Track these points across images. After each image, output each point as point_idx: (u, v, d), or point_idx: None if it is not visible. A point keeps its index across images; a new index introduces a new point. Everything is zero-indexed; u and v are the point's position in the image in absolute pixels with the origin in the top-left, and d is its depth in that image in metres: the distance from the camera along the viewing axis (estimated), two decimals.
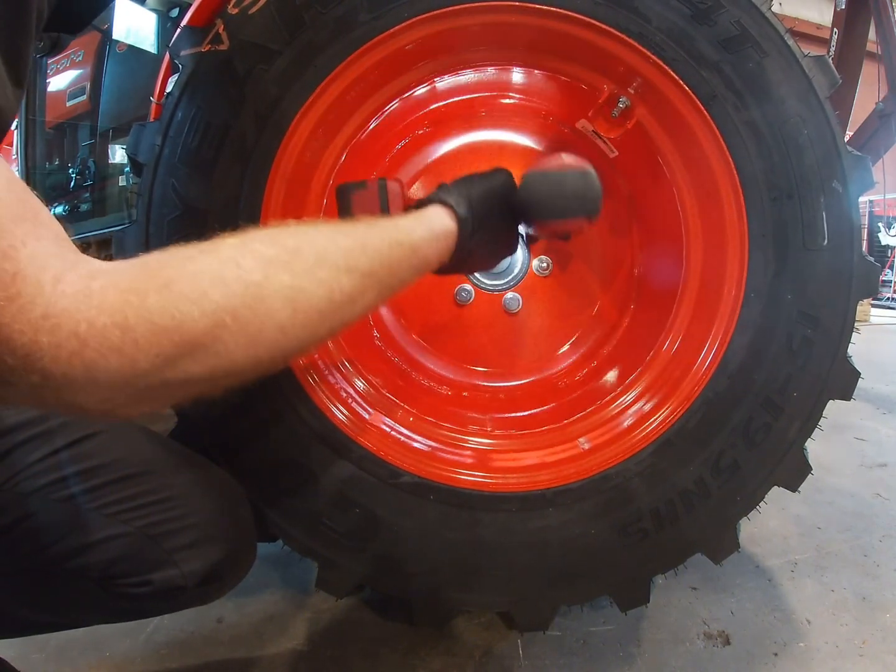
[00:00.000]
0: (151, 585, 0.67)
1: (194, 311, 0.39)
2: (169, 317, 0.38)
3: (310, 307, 0.46)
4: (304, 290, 0.46)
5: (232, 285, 0.42)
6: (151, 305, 0.38)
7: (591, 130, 0.90)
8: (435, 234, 0.62)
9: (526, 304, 1.05)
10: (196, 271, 0.41)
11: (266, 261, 0.44)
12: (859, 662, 0.93)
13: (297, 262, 0.46)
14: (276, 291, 0.44)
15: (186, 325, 0.39)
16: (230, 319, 0.41)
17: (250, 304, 0.42)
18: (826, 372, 0.80)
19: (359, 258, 0.51)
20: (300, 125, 0.79)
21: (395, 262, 0.56)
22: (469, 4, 0.77)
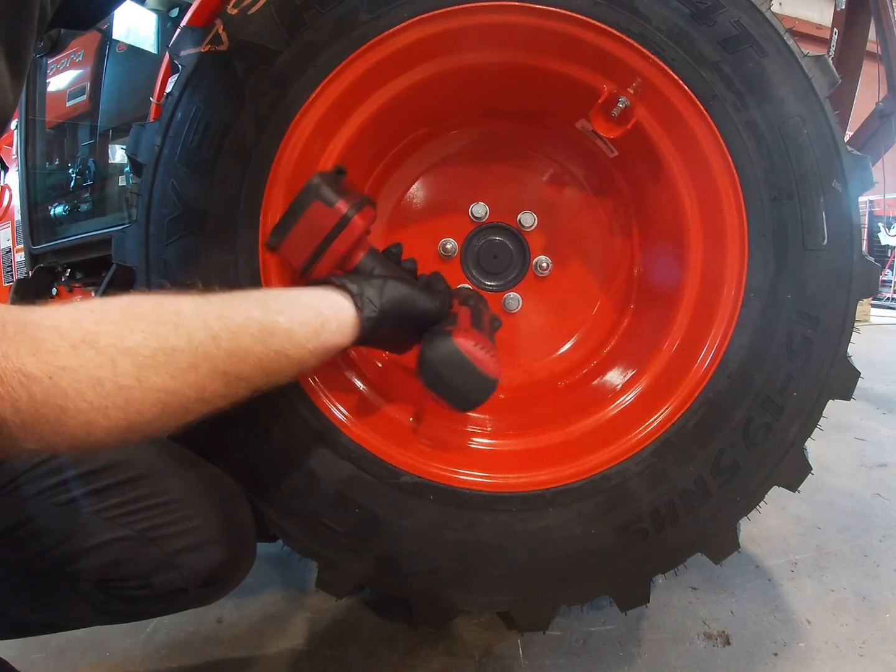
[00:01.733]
0: (152, 588, 0.67)
1: (71, 408, 0.42)
2: (50, 409, 0.41)
3: (179, 405, 0.49)
4: (176, 393, 0.48)
5: (106, 385, 0.44)
6: (38, 395, 0.40)
7: (590, 130, 0.90)
8: (326, 347, 0.61)
9: (526, 303, 1.05)
10: (77, 367, 0.42)
11: (141, 363, 0.46)
12: (859, 662, 0.93)
13: (172, 364, 0.47)
14: (148, 395, 0.46)
15: (64, 420, 0.42)
16: (102, 419, 0.44)
17: (121, 405, 0.45)
18: (826, 372, 0.80)
19: (238, 365, 0.52)
20: (300, 125, 0.79)
21: (275, 370, 0.56)
22: (469, 4, 0.77)
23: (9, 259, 1.76)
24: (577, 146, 1.00)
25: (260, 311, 0.55)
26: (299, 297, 0.62)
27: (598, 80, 0.83)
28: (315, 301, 0.62)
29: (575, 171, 1.05)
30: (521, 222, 1.03)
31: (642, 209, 1.00)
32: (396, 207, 1.04)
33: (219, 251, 0.78)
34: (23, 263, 1.61)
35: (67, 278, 1.47)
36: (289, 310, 0.58)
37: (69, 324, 0.44)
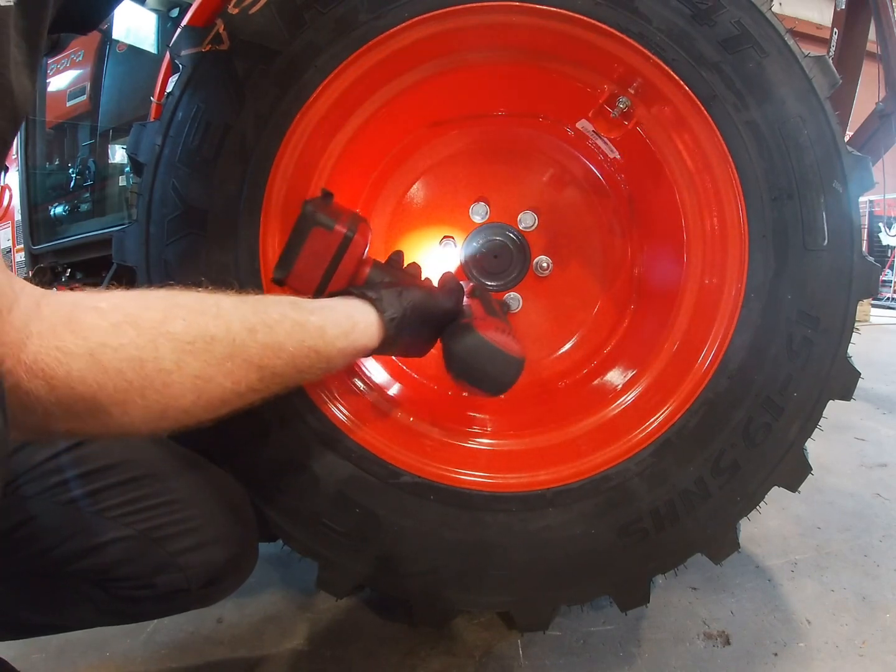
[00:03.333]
0: (154, 588, 0.67)
1: (109, 385, 0.42)
2: (87, 386, 0.41)
3: (214, 396, 0.49)
4: (213, 381, 0.49)
5: (146, 366, 0.44)
6: (75, 372, 0.40)
7: (591, 130, 0.90)
8: (355, 348, 0.63)
9: (526, 303, 1.05)
10: (118, 346, 0.43)
11: (181, 348, 0.46)
12: (859, 662, 0.93)
13: (211, 352, 0.48)
14: (186, 380, 0.46)
15: (100, 397, 0.42)
16: (139, 398, 0.44)
17: (159, 387, 0.45)
18: (826, 372, 0.80)
19: (272, 359, 0.53)
20: (300, 125, 0.79)
21: (306, 367, 0.58)
22: (469, 5, 0.77)
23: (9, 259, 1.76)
24: (578, 146, 1.00)
25: (294, 311, 0.58)
26: (328, 302, 0.65)
27: (599, 80, 0.83)
28: (342, 306, 0.65)
29: (575, 172, 1.05)
30: (522, 222, 1.03)
31: (642, 209, 1.00)
32: (397, 208, 1.04)
33: (219, 251, 0.78)
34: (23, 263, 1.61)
35: (67, 278, 1.47)
36: (320, 311, 0.61)
37: (109, 305, 0.44)
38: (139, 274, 0.79)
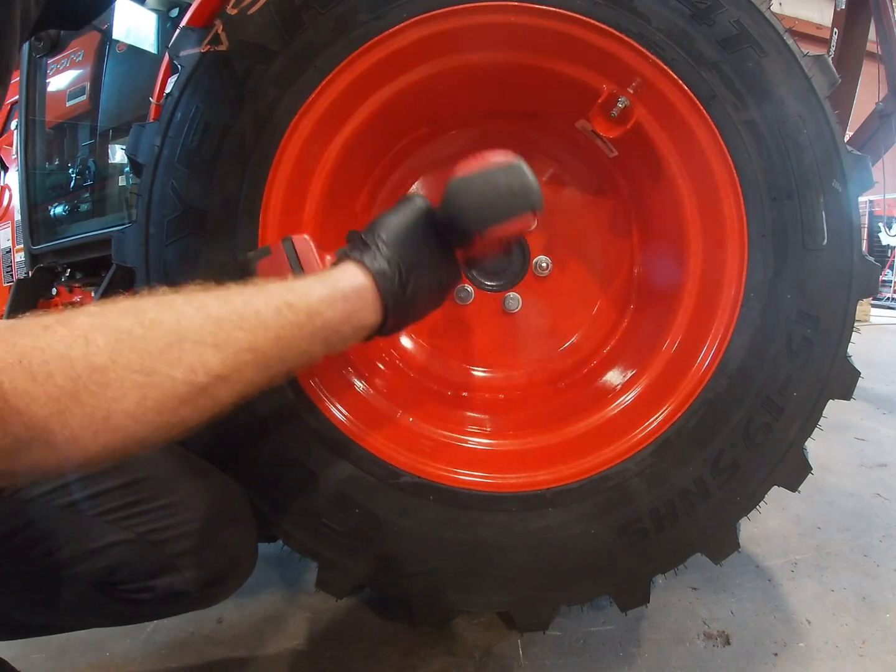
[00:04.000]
0: (154, 591, 0.66)
1: (40, 395, 0.37)
2: (19, 398, 0.36)
3: (163, 392, 0.42)
4: (157, 373, 0.42)
5: (77, 366, 0.38)
6: (6, 383, 0.36)
7: (590, 130, 0.90)
8: (341, 292, 0.55)
9: (525, 303, 1.05)
10: (47, 346, 0.38)
11: (116, 338, 0.41)
12: (859, 662, 0.93)
13: (150, 340, 0.42)
14: (123, 375, 0.40)
15: (34, 409, 0.37)
16: (75, 405, 0.38)
17: (94, 389, 0.39)
18: (826, 372, 0.80)
19: (232, 330, 0.46)
20: (300, 125, 0.79)
21: (284, 330, 0.50)
22: (468, 4, 0.77)
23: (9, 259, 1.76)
24: (577, 146, 1.00)
25: (258, 285, 0.52)
26: (302, 278, 0.59)
27: (598, 79, 0.83)
28: (315, 275, 0.59)
29: (574, 171, 1.05)
30: None
31: (642, 209, 1.00)
32: None
33: (219, 251, 0.78)
34: (23, 263, 1.61)
35: (67, 278, 1.47)
36: (294, 281, 0.56)
37: (50, 316, 0.40)
38: (139, 274, 0.79)
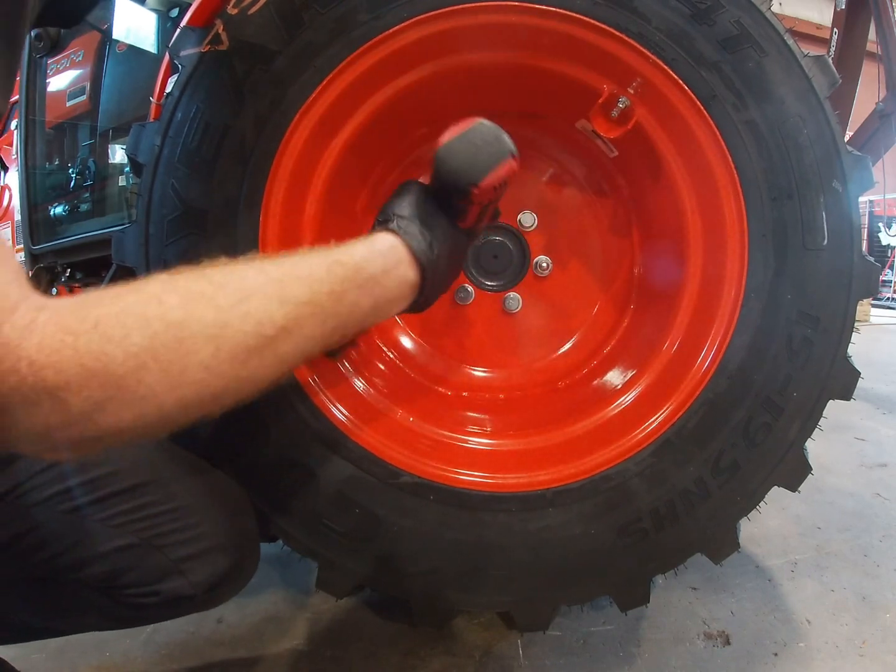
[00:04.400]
0: (159, 595, 0.66)
1: (118, 354, 0.39)
2: (95, 359, 0.38)
3: (235, 343, 0.45)
4: (229, 326, 0.45)
5: (153, 324, 0.41)
6: (81, 347, 0.38)
7: (590, 130, 0.90)
8: (378, 250, 0.59)
9: (526, 303, 1.05)
10: (121, 310, 0.41)
11: (189, 296, 0.44)
12: (859, 662, 0.93)
13: (221, 296, 0.45)
14: (198, 329, 0.43)
15: (111, 368, 0.39)
16: (152, 361, 0.40)
17: (171, 344, 0.41)
18: (826, 372, 0.80)
19: (292, 285, 0.50)
20: (300, 125, 0.79)
21: (336, 284, 0.53)
22: (468, 4, 0.77)
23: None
24: (577, 146, 1.00)
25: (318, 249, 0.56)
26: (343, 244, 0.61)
27: (598, 80, 0.83)
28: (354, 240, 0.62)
29: (575, 171, 1.05)
30: (521, 222, 1.03)
31: (642, 209, 1.00)
32: None
33: (219, 251, 0.78)
34: (23, 263, 1.61)
35: (67, 278, 1.47)
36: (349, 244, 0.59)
37: (118, 287, 0.43)
38: (139, 274, 0.79)
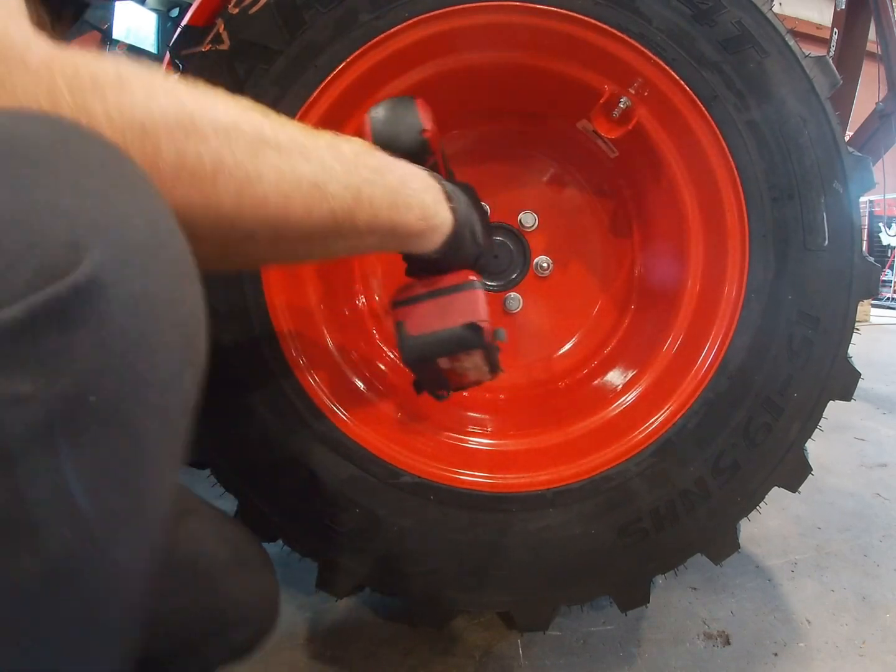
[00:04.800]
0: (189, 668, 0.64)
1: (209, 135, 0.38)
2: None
3: (304, 174, 0.45)
4: (294, 165, 0.44)
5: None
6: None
7: (591, 130, 0.90)
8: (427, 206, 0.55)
9: (526, 304, 1.05)
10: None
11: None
12: (859, 662, 0.93)
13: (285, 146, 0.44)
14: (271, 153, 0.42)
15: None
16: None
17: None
18: (826, 372, 0.80)
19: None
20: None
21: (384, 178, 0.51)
22: (469, 4, 0.77)
23: None
24: (578, 146, 1.00)
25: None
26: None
27: (599, 80, 0.83)
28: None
29: (575, 172, 1.05)
30: (522, 222, 1.03)
31: (643, 209, 1.00)
32: None
33: None
34: None
35: None
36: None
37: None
38: None
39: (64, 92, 0.32)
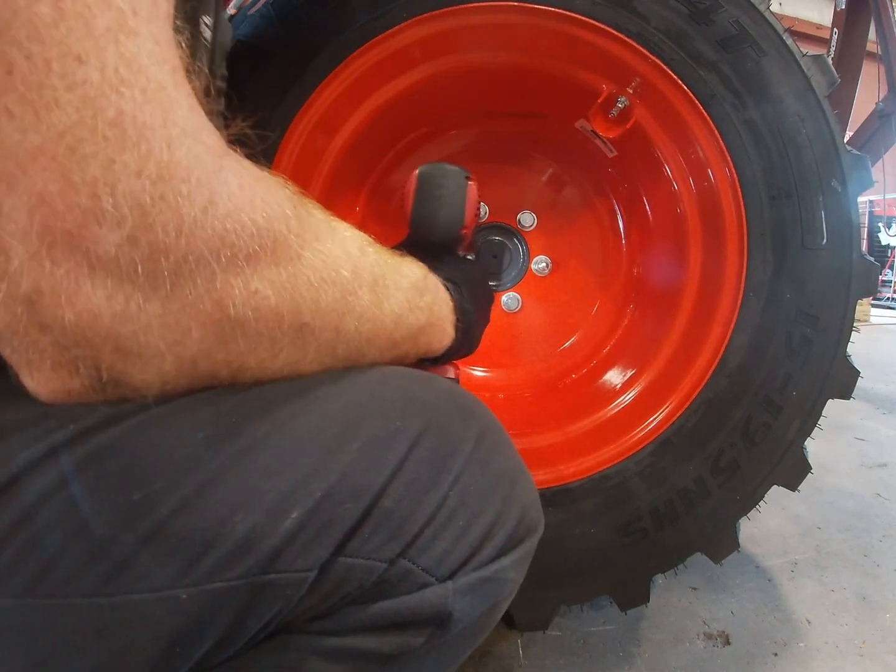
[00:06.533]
0: None
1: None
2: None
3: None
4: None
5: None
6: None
7: (590, 130, 0.90)
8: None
9: (525, 303, 1.05)
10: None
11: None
12: (859, 662, 0.92)
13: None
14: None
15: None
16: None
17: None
18: (825, 371, 0.80)
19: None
20: (299, 126, 0.79)
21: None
22: (468, 5, 0.77)
23: None
24: (577, 146, 1.00)
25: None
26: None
27: (597, 79, 0.83)
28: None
29: (574, 171, 1.05)
30: (521, 222, 1.03)
31: (642, 209, 1.00)
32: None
33: None
34: None
35: None
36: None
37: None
38: None
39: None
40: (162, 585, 0.28)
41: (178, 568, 0.28)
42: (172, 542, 0.28)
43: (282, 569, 0.30)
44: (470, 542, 0.36)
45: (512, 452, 0.41)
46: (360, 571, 0.32)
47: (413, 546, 0.34)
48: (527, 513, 0.40)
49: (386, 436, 0.34)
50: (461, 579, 0.35)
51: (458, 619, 0.36)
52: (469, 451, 0.37)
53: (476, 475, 0.37)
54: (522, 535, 0.40)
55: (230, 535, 0.29)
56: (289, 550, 0.30)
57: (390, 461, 0.33)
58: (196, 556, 0.28)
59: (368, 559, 0.32)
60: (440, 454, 0.36)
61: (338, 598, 0.33)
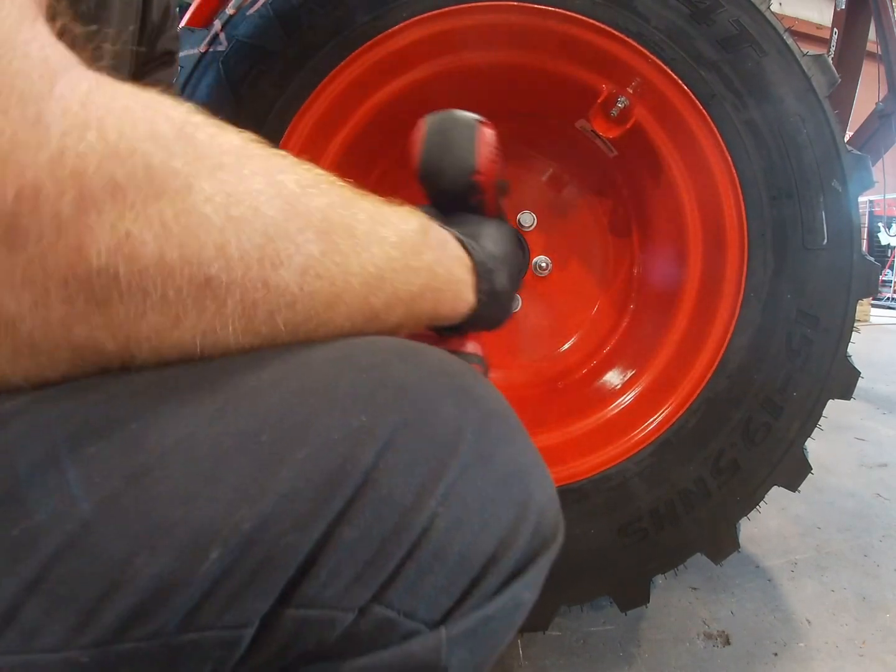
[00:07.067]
0: None
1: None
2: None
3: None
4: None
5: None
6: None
7: (590, 130, 0.90)
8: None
9: (525, 303, 1.05)
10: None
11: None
12: (859, 662, 0.92)
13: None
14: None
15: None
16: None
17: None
18: (826, 371, 0.80)
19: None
20: (299, 125, 0.79)
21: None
22: (468, 5, 0.77)
23: None
24: (577, 146, 1.00)
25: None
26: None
27: (597, 79, 0.83)
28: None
29: (574, 171, 1.05)
30: (521, 222, 1.03)
31: (642, 209, 1.00)
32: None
33: None
34: None
35: None
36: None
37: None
38: None
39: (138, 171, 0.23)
40: (55, 645, 0.21)
41: (71, 624, 0.22)
42: (61, 592, 0.22)
43: (204, 625, 0.23)
44: (468, 572, 0.27)
45: (523, 443, 0.32)
46: (318, 625, 0.24)
47: (390, 587, 0.25)
48: (542, 519, 0.31)
49: (344, 437, 0.25)
50: (458, 623, 0.27)
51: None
52: (466, 447, 0.28)
53: (475, 479, 0.28)
54: (538, 549, 0.31)
55: (131, 582, 0.22)
56: (211, 602, 0.23)
57: (351, 473, 0.25)
58: (91, 610, 0.22)
59: (327, 608, 0.24)
60: (423, 457, 0.27)
61: (295, 656, 0.25)
